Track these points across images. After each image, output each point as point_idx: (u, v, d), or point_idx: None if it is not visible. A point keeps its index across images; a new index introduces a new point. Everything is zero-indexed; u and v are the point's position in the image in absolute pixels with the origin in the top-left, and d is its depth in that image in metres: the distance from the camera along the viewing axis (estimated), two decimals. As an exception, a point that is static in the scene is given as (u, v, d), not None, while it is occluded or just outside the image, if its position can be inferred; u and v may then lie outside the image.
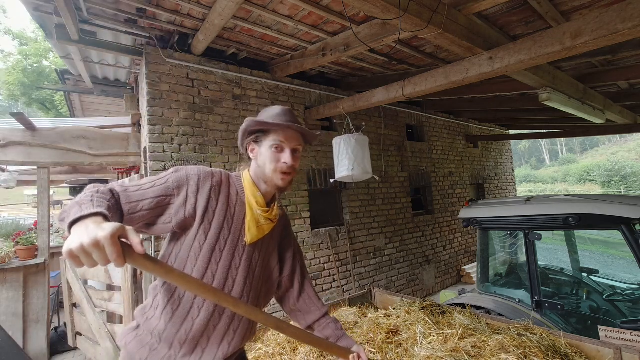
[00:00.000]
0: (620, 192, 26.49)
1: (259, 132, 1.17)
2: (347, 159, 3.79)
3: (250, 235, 1.14)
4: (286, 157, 1.15)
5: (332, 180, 4.25)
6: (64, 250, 0.71)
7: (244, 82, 4.01)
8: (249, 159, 1.23)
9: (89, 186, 0.95)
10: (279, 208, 1.26)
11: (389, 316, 2.57)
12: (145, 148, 3.54)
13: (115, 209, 0.92)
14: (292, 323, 1.23)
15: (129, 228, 0.77)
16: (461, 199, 7.16)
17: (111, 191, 0.96)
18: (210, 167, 3.58)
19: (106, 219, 0.80)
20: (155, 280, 1.17)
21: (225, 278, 1.10)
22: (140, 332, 1.12)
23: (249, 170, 1.22)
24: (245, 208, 1.16)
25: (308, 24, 3.19)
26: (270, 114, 1.19)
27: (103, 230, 0.72)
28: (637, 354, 1.78)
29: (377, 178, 4.17)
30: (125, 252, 0.75)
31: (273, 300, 3.30)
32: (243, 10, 2.95)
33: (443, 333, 2.14)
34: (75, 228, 0.75)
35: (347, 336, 1.33)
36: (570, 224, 2.71)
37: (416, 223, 6.05)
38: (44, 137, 3.87)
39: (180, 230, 1.09)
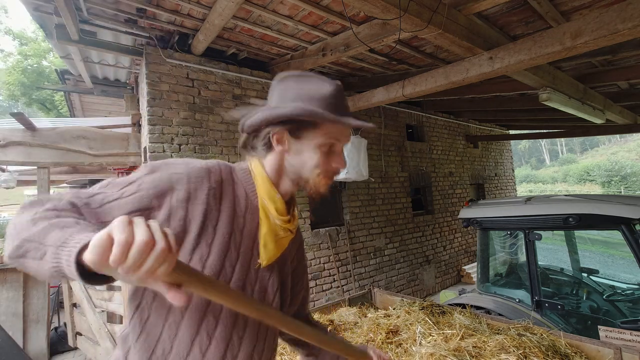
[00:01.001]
0: (620, 192, 26.49)
1: (304, 123, 0.81)
2: None
3: (266, 254, 0.83)
4: (339, 160, 0.86)
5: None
6: (98, 243, 0.46)
7: (244, 82, 4.01)
8: (267, 147, 0.85)
9: (29, 203, 0.67)
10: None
11: (389, 316, 2.57)
12: (145, 148, 3.54)
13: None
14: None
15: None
16: (461, 199, 7.16)
17: (72, 205, 0.67)
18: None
19: None
20: (125, 329, 0.80)
21: (234, 320, 0.78)
22: None
23: (261, 162, 0.87)
24: (257, 216, 0.83)
25: (308, 24, 3.19)
26: (319, 94, 0.81)
27: (158, 233, 0.49)
28: (637, 354, 1.78)
29: (372, 180, 4.17)
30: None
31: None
32: (243, 10, 2.95)
33: (443, 333, 2.14)
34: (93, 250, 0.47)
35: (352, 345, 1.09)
36: (570, 224, 2.71)
37: (416, 223, 6.05)
38: (44, 137, 3.87)
39: None
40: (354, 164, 3.79)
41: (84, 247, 0.49)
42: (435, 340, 2.06)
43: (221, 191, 0.80)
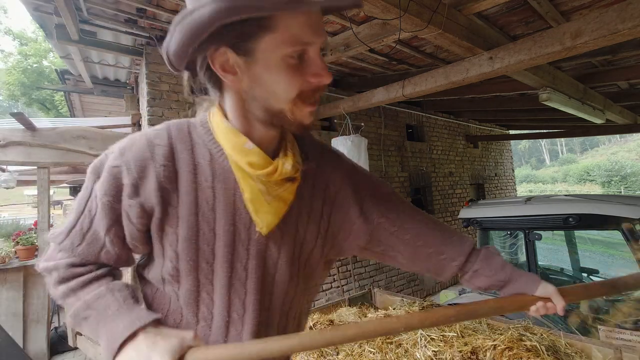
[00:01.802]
0: (620, 192, 26.49)
1: (249, 25, 0.54)
2: None
3: (263, 221, 0.66)
4: (317, 64, 0.59)
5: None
6: None
7: (244, 82, 4.00)
8: (216, 85, 0.65)
9: (47, 264, 0.67)
10: (297, 150, 0.71)
11: (389, 316, 2.57)
12: (145, 148, 3.54)
13: (104, 272, 0.67)
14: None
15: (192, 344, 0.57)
16: (461, 199, 7.16)
17: (81, 261, 0.66)
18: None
19: (149, 326, 0.59)
20: None
21: (228, 304, 0.68)
22: None
23: (220, 109, 0.67)
24: (233, 180, 0.65)
25: (308, 24, 3.19)
26: None
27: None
28: (637, 354, 1.78)
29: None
30: None
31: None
32: (243, 10, 2.95)
33: (443, 334, 2.14)
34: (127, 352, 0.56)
35: (520, 275, 0.81)
36: (570, 224, 2.71)
37: (416, 223, 6.04)
38: (44, 137, 3.87)
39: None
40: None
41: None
42: (434, 340, 2.06)
43: (174, 166, 0.63)
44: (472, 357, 1.87)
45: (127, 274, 3.02)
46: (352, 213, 0.77)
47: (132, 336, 0.57)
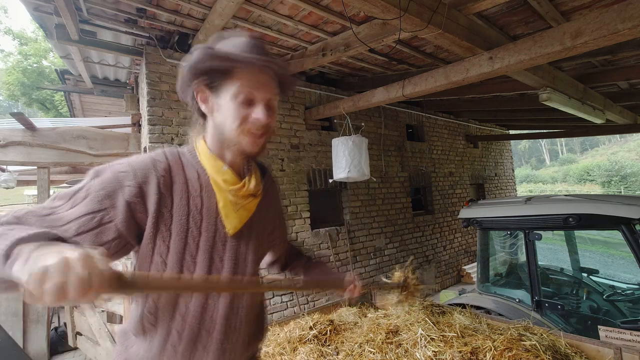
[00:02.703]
0: (620, 192, 26.49)
1: (216, 72, 0.80)
2: (344, 161, 3.79)
3: (230, 224, 0.87)
4: (258, 112, 0.82)
5: (331, 181, 4.25)
6: (34, 276, 0.48)
7: (244, 82, 4.00)
8: (201, 115, 0.89)
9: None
10: (259, 175, 0.96)
11: (389, 316, 2.57)
12: (145, 148, 3.54)
13: (45, 231, 0.67)
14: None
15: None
16: (461, 199, 7.16)
17: (18, 219, 0.67)
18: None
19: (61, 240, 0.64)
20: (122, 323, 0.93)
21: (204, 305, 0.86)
22: None
23: (204, 138, 0.89)
24: (213, 192, 0.86)
25: (308, 24, 3.19)
26: (233, 44, 0.83)
27: (99, 263, 0.53)
28: (637, 354, 1.78)
29: (375, 179, 4.17)
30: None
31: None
32: (243, 10, 2.95)
33: (443, 335, 2.14)
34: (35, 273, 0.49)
35: (332, 272, 1.21)
36: (570, 224, 2.71)
37: (416, 223, 6.05)
38: (44, 137, 3.87)
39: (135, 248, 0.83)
40: (355, 163, 3.77)
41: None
42: (434, 340, 2.06)
43: (171, 178, 0.83)
44: (472, 357, 1.86)
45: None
46: (278, 230, 1.10)
47: (53, 244, 0.58)
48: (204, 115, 0.89)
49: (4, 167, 4.87)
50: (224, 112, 0.82)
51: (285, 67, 0.87)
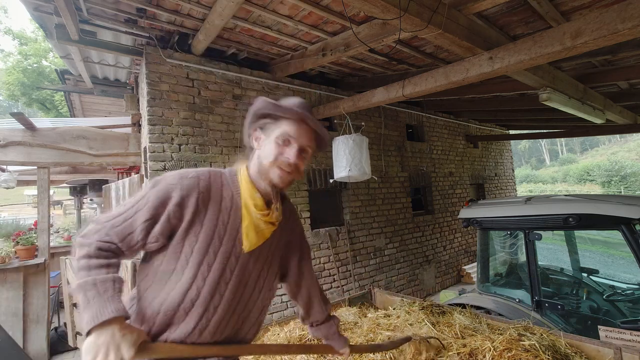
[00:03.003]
0: (620, 192, 26.48)
1: (269, 117, 1.04)
2: (345, 159, 3.79)
3: (248, 242, 1.02)
4: (291, 152, 1.02)
5: (331, 180, 4.25)
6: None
7: (244, 82, 4.00)
8: (251, 149, 1.10)
9: (86, 234, 0.92)
10: (281, 205, 1.12)
11: (389, 316, 2.57)
12: (145, 148, 3.54)
13: (119, 257, 0.94)
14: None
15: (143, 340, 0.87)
16: (461, 199, 7.16)
17: (107, 242, 0.91)
18: (210, 166, 3.58)
19: (124, 319, 0.85)
20: (134, 289, 1.08)
21: (211, 294, 0.99)
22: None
23: (247, 167, 1.09)
24: (240, 213, 1.03)
25: (308, 24, 3.19)
26: (287, 101, 1.07)
27: (126, 353, 0.80)
28: (637, 354, 1.78)
29: (376, 178, 4.17)
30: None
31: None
32: (243, 10, 2.95)
33: (442, 335, 2.13)
34: (93, 338, 0.80)
35: (339, 337, 1.41)
36: (570, 224, 2.71)
37: (416, 223, 6.05)
38: (44, 137, 3.87)
39: (167, 243, 1.00)
40: (356, 162, 3.77)
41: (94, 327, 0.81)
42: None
43: (209, 194, 1.00)
44: (470, 359, 1.86)
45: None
46: (293, 258, 1.27)
47: (112, 320, 0.81)
48: (252, 150, 1.09)
49: (4, 167, 4.87)
50: (266, 148, 1.03)
51: (321, 126, 1.08)
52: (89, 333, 0.79)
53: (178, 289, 0.96)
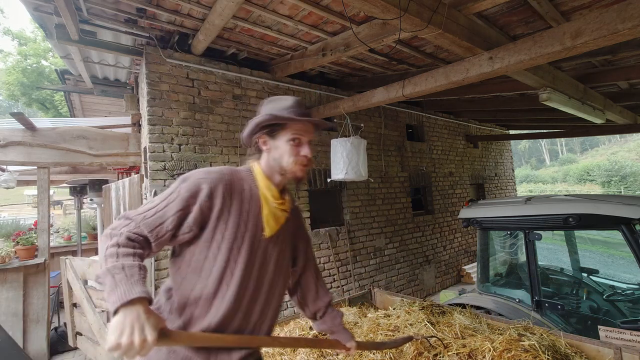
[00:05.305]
0: (620, 192, 26.48)
1: (275, 125, 1.18)
2: (342, 162, 3.79)
3: (269, 228, 1.17)
4: (306, 150, 1.20)
5: (329, 180, 4.25)
6: (110, 341, 0.81)
7: (244, 82, 4.00)
8: (258, 151, 1.23)
9: (116, 226, 0.99)
10: (289, 195, 1.29)
11: (389, 316, 2.57)
12: (145, 148, 3.54)
13: (145, 249, 1.00)
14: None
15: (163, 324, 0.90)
16: (461, 199, 7.16)
17: (136, 234, 0.98)
18: (210, 167, 3.58)
19: (149, 302, 0.89)
20: (168, 278, 1.17)
21: (243, 276, 1.10)
22: None
23: (259, 164, 1.23)
24: (259, 202, 1.17)
25: (308, 24, 3.19)
26: (284, 106, 1.20)
27: (149, 334, 0.83)
28: (637, 354, 1.78)
29: (372, 180, 4.16)
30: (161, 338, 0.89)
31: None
32: (243, 10, 2.95)
33: (443, 337, 2.13)
34: (120, 317, 0.83)
35: (343, 330, 1.46)
36: (570, 224, 2.71)
37: (416, 223, 6.05)
38: (44, 137, 3.87)
39: (198, 233, 1.10)
40: (353, 164, 3.77)
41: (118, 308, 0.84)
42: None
43: (232, 187, 1.12)
44: (470, 359, 1.86)
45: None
46: (301, 242, 1.41)
47: (138, 300, 0.85)
48: (259, 151, 1.23)
49: (4, 167, 4.87)
50: (281, 150, 1.18)
51: (320, 120, 1.26)
52: (116, 312, 0.83)
53: (214, 273, 1.07)
